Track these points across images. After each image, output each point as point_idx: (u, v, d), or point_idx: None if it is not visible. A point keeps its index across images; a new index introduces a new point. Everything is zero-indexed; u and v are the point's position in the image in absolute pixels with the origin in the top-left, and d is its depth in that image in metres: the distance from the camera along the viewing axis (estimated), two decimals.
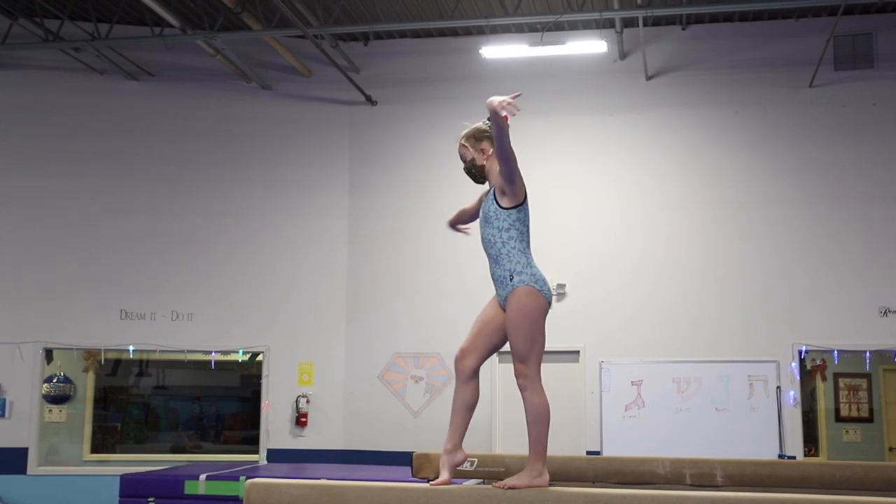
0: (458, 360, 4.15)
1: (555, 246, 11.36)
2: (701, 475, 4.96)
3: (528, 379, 3.93)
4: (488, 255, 4.18)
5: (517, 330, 3.98)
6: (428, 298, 11.53)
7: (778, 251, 10.90)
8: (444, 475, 3.83)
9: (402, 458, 5.83)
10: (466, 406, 4.07)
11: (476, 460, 5.11)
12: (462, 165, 4.36)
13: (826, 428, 13.20)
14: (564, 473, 5.16)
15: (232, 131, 12.08)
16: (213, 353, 11.70)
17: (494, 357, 11.71)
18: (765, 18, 11.39)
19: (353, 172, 12.05)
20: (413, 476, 5.15)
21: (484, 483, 5.14)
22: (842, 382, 13.32)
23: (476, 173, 4.24)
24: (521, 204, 4.04)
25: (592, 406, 10.93)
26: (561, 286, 11.21)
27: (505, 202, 4.02)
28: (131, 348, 11.51)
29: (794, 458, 10.24)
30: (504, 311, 4.06)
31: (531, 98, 11.64)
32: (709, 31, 11.54)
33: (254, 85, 12.09)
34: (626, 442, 10.46)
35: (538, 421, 3.88)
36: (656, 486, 4.86)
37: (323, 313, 11.76)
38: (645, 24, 10.84)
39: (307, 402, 11.51)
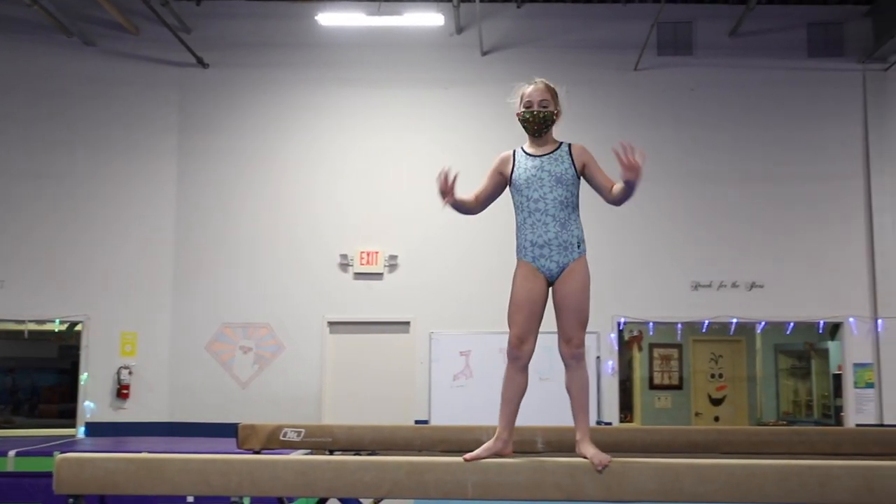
0: (516, 346, 3.82)
1: (388, 217, 11.42)
2: (523, 442, 5.10)
3: (582, 349, 3.82)
4: (552, 217, 3.92)
5: (583, 298, 3.88)
6: (259, 268, 11.34)
7: (600, 227, 11.32)
8: (480, 452, 3.51)
9: (229, 430, 5.71)
10: (521, 395, 3.84)
11: (303, 430, 5.07)
12: (528, 107, 4.07)
13: (641, 395, 13.95)
14: (392, 443, 5.19)
15: (50, 88, 11.42)
16: (28, 323, 11.09)
17: (325, 327, 11.68)
18: (595, 1, 11.76)
19: (182, 137, 11.63)
20: (238, 447, 5.06)
21: (311, 453, 5.12)
22: (656, 352, 14.11)
23: (546, 123, 4.04)
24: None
25: (422, 376, 11.08)
26: (393, 258, 11.28)
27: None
28: None
29: (610, 423, 10.75)
30: (548, 279, 3.89)
31: (367, 68, 11.68)
32: (543, 10, 11.81)
33: (75, 40, 11.44)
34: (454, 411, 10.68)
35: (587, 391, 3.82)
36: None
37: (148, 281, 11.35)
38: (481, 0, 10.97)
39: (129, 373, 11.10)
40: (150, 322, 11.31)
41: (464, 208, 4.09)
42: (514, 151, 4.05)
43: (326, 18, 10.71)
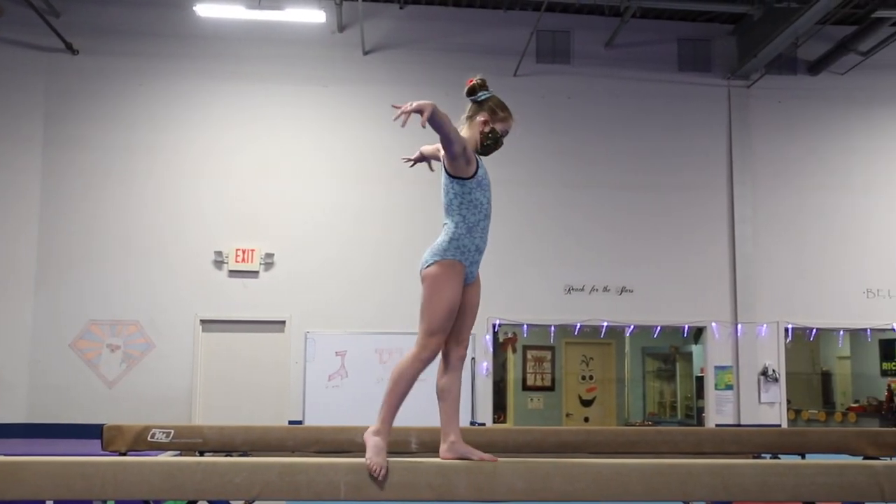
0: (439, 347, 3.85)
1: (265, 215, 11.25)
2: (397, 442, 5.11)
3: None
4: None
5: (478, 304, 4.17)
6: (129, 263, 10.99)
7: None
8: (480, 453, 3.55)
9: (94, 432, 5.50)
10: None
11: (172, 431, 4.93)
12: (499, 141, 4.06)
13: (514, 396, 14.19)
14: (264, 443, 5.12)
15: None
16: None
17: (198, 325, 11.42)
18: (477, 6, 11.90)
19: (48, 125, 11.16)
20: (103, 449, 4.88)
21: (181, 455, 4.99)
22: (529, 354, 14.38)
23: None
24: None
25: (296, 376, 10.96)
26: (269, 256, 11.13)
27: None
28: None
29: (483, 424, 10.89)
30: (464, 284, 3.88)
31: (246, 62, 11.48)
32: (425, 13, 11.87)
33: None
34: (328, 411, 10.60)
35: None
36: (354, 455, 4.96)
37: (8, 276, 10.84)
38: (364, 0, 10.95)
39: None
40: (9, 317, 10.81)
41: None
42: None
43: (204, 9, 10.47)
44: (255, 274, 11.13)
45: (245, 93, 11.44)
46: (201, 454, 4.97)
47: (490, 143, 3.99)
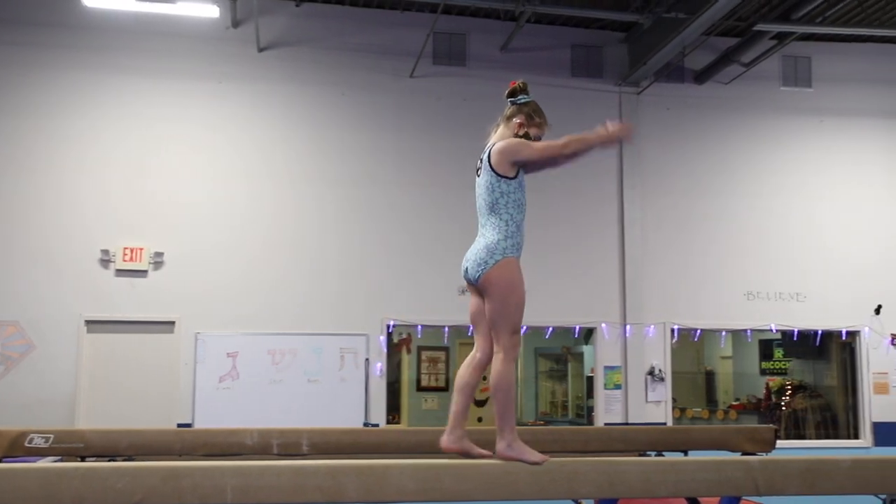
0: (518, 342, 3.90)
1: (154, 213, 10.97)
2: (288, 444, 5.07)
3: None
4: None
5: None
6: (8, 261, 10.56)
7: (373, 230, 11.46)
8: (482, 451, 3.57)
9: None
10: None
11: (52, 436, 4.76)
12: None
13: (408, 397, 14.21)
14: (150, 447, 4.99)
15: None
16: None
17: (82, 326, 11.02)
18: (373, 6, 11.87)
19: None
20: None
21: (61, 461, 4.82)
22: (424, 355, 14.42)
23: None
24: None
25: (186, 378, 10.71)
26: (159, 255, 10.85)
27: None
28: None
29: (377, 425, 10.87)
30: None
31: (137, 56, 11.17)
32: (321, 11, 11.77)
33: None
34: (219, 414, 10.41)
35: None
36: (243, 457, 4.89)
37: None
38: None
39: None
40: None
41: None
42: None
43: (93, 0, 10.13)
44: (143, 273, 10.83)
45: (135, 87, 11.12)
46: (83, 459, 4.80)
47: None
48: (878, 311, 12.41)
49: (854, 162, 12.81)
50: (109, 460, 4.77)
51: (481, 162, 3.98)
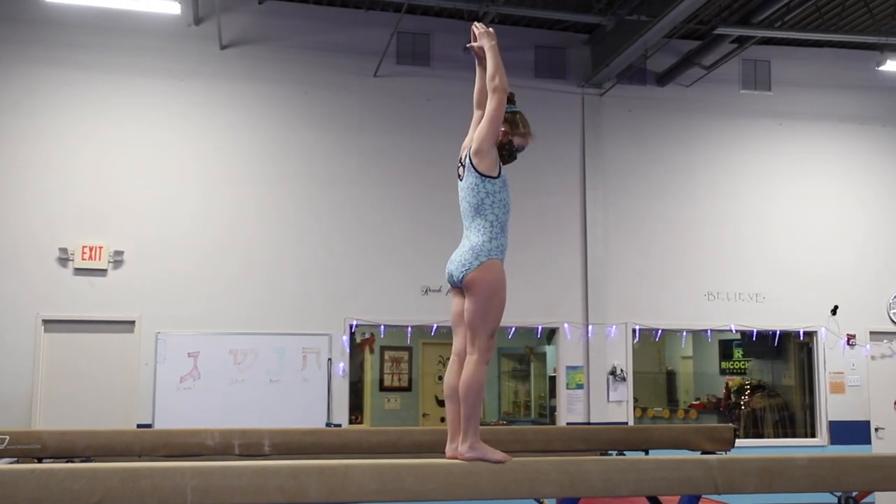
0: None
1: (114, 211, 10.84)
2: (249, 445, 5.05)
3: None
4: None
5: None
6: None
7: (335, 230, 11.41)
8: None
9: None
10: None
11: (7, 437, 4.69)
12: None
13: (371, 397, 14.18)
14: (109, 448, 4.95)
15: None
16: None
17: (39, 325, 10.86)
18: (337, 5, 11.83)
19: None
20: None
21: (18, 462, 4.75)
22: (387, 355, 14.40)
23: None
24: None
25: (146, 378, 10.59)
26: (119, 253, 10.72)
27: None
28: None
29: (339, 425, 10.84)
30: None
31: (96, 52, 11.03)
32: (284, 9, 11.70)
33: None
34: (180, 414, 10.30)
35: None
36: (204, 458, 4.86)
37: None
38: None
39: None
40: None
41: None
42: None
43: None
44: (103, 272, 10.69)
45: (95, 83, 10.98)
46: (40, 461, 4.75)
47: (506, 153, 4.11)
48: (834, 311, 12.61)
49: (811, 164, 13.01)
50: (67, 461, 4.72)
51: (462, 166, 3.96)
